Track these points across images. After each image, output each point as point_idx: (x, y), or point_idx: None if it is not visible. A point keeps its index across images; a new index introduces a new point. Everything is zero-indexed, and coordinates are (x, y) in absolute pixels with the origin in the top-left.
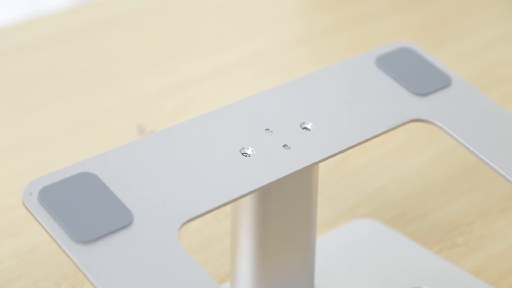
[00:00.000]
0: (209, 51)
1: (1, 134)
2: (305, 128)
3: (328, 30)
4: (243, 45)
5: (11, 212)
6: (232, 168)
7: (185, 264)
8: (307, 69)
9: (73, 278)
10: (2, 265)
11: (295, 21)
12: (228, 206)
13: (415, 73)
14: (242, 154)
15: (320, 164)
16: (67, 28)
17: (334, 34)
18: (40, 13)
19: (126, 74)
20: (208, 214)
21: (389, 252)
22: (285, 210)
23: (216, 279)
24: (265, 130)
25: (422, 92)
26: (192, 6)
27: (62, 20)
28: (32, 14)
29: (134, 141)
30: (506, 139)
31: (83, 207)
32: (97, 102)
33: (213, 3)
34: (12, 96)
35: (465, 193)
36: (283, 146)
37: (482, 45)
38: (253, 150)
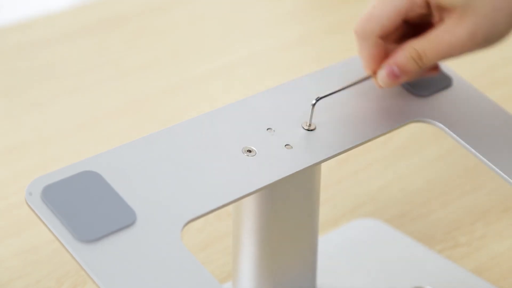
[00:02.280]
0: (210, 51)
1: (3, 134)
2: (307, 128)
3: (328, 30)
4: (243, 45)
5: (13, 211)
6: (234, 168)
7: (187, 264)
8: (308, 69)
9: (75, 277)
10: (4, 264)
11: (296, 21)
12: (230, 206)
13: None
14: (244, 153)
15: (322, 163)
16: (68, 28)
17: (334, 34)
18: (41, 13)
19: (127, 74)
20: (210, 213)
21: (391, 251)
22: (287, 210)
23: (218, 278)
24: (267, 129)
25: (423, 93)
26: (193, 7)
27: (63, 20)
28: (33, 14)
29: (137, 140)
30: (506, 140)
31: (86, 206)
32: (98, 101)
33: (214, 3)
34: (14, 96)
35: (467, 193)
36: (285, 145)
37: None
38: (255, 149)
